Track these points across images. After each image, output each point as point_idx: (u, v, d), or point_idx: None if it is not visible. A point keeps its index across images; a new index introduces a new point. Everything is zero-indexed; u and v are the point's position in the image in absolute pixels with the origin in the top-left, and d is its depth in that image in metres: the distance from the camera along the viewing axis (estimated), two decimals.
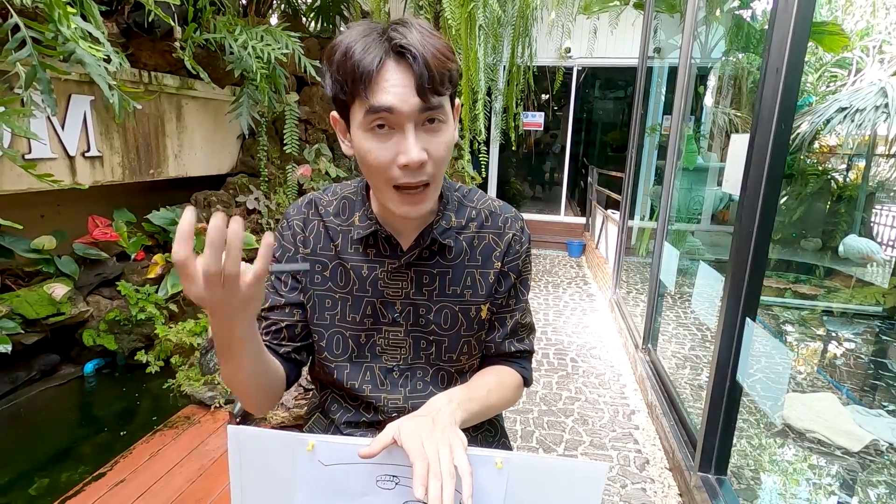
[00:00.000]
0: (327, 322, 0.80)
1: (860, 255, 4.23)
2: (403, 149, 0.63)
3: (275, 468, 0.66)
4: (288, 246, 0.81)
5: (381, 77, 0.61)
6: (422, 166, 0.65)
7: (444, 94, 0.65)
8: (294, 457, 0.65)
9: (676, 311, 3.93)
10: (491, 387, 0.80)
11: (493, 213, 0.82)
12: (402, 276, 0.77)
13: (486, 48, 3.83)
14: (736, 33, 4.92)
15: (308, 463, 0.65)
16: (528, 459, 0.66)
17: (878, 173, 5.99)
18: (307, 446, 0.64)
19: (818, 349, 3.67)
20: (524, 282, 0.85)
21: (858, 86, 5.74)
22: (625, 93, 7.56)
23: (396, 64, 0.62)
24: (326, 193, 0.84)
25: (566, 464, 0.66)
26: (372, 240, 0.78)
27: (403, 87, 0.61)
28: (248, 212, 3.56)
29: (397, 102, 0.61)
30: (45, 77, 1.82)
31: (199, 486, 1.85)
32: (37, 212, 2.82)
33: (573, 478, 0.65)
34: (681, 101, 2.78)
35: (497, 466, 0.64)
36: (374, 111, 0.62)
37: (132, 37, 2.66)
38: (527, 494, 0.65)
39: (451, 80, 0.65)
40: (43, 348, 2.64)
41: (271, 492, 0.67)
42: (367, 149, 0.65)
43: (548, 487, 0.65)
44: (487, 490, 0.65)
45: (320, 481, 0.66)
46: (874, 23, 6.81)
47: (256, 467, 0.67)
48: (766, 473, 2.19)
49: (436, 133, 0.66)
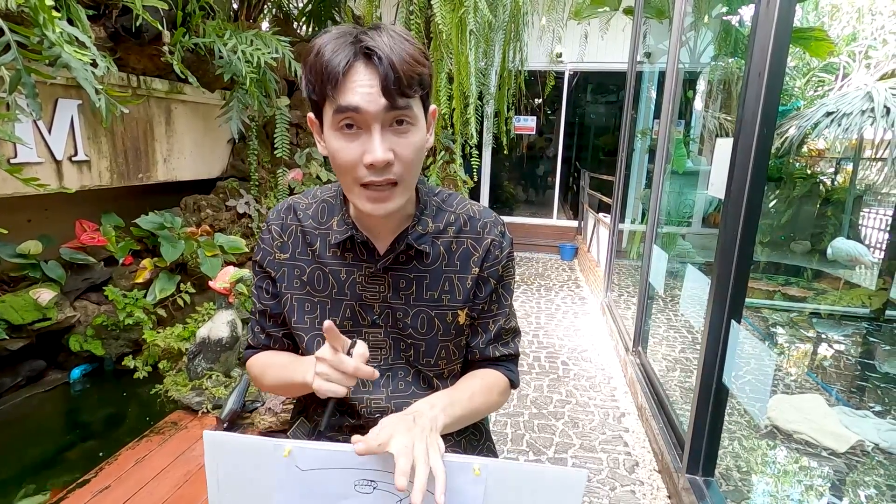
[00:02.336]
0: (307, 325, 0.81)
1: (848, 257, 4.28)
2: (369, 148, 0.65)
3: (252, 475, 0.66)
4: (268, 249, 0.83)
5: (348, 78, 0.63)
6: (388, 165, 0.66)
7: (412, 96, 0.65)
8: (271, 462, 0.65)
9: (667, 314, 3.95)
10: (475, 390, 0.80)
11: (471, 217, 0.82)
12: (380, 281, 0.78)
13: (477, 53, 3.84)
14: (724, 38, 4.97)
15: (285, 469, 0.65)
16: (506, 466, 0.65)
17: (866, 177, 6.07)
18: (283, 452, 0.64)
19: (807, 351, 3.70)
20: (506, 286, 0.85)
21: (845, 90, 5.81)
22: (616, 97, 7.61)
23: (364, 65, 0.63)
24: (306, 196, 0.85)
25: (545, 470, 0.65)
26: (349, 244, 0.78)
27: (370, 88, 0.63)
28: (239, 216, 3.55)
29: (363, 102, 0.63)
30: (30, 81, 1.81)
31: (186, 491, 1.83)
32: (23, 216, 2.80)
33: (552, 485, 0.64)
34: (669, 106, 2.81)
35: (475, 473, 0.64)
36: (342, 111, 0.63)
37: (120, 41, 2.64)
38: (505, 502, 0.65)
39: (420, 83, 0.66)
40: (29, 354, 2.61)
41: (248, 498, 0.67)
42: (336, 148, 0.67)
43: (527, 494, 0.65)
44: (465, 497, 0.64)
45: (297, 486, 0.66)
46: (860, 28, 6.91)
47: (233, 473, 0.67)
48: (753, 475, 2.20)
49: (404, 134, 0.67)
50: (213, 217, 3.44)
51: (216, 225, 3.42)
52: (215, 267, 2.92)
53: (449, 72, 3.98)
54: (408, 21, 4.05)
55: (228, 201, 3.53)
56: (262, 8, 3.95)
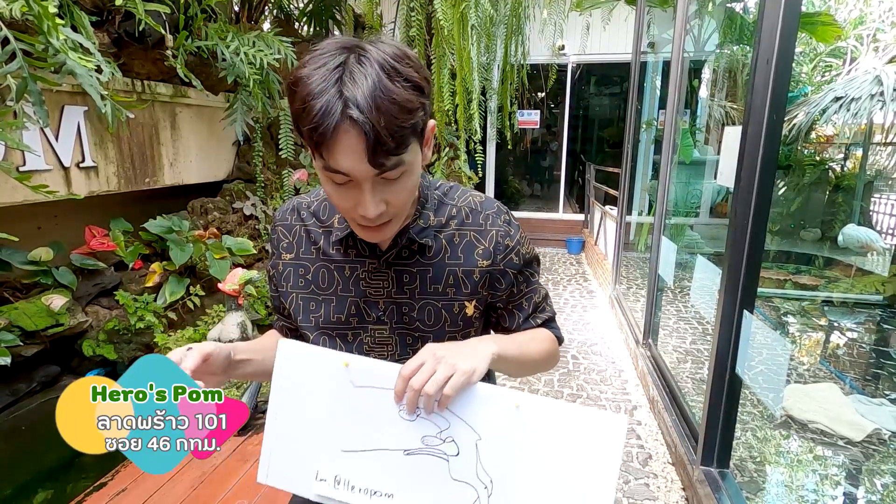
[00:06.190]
0: (312, 324, 0.81)
1: (859, 244, 4.23)
2: (361, 203, 0.64)
3: (311, 385, 0.69)
4: (274, 250, 0.85)
5: (334, 142, 0.59)
6: (378, 215, 0.65)
7: (403, 152, 0.62)
8: (330, 375, 0.68)
9: (676, 306, 3.92)
10: (523, 339, 0.81)
11: (473, 210, 0.81)
12: (384, 276, 0.78)
13: (479, 48, 3.82)
14: (729, 26, 4.91)
15: (340, 383, 0.68)
16: (546, 404, 0.65)
17: (876, 162, 5.98)
18: (342, 363, 0.67)
19: (820, 339, 3.66)
20: (529, 265, 0.85)
21: (853, 75, 5.73)
22: (620, 88, 7.57)
23: (350, 127, 0.58)
24: (310, 195, 0.86)
25: (585, 413, 0.65)
26: (351, 240, 0.79)
27: (356, 154, 0.59)
28: (245, 217, 3.56)
29: (351, 168, 0.60)
30: (37, 89, 1.82)
31: (201, 492, 1.85)
32: (33, 224, 2.82)
33: (592, 429, 0.63)
34: (675, 96, 2.78)
35: (514, 407, 0.65)
36: (332, 171, 0.61)
37: (123, 46, 2.65)
38: (542, 440, 0.64)
39: (412, 133, 0.62)
40: (43, 360, 2.63)
41: (305, 407, 0.70)
42: (328, 192, 0.66)
43: (565, 436, 0.64)
44: (502, 430, 0.65)
45: (348, 402, 0.68)
46: (867, 11, 6.81)
47: (296, 382, 0.70)
48: (768, 465, 2.19)
49: (396, 182, 0.64)
50: (221, 219, 3.45)
51: (223, 227, 3.44)
52: (224, 269, 2.94)
53: (451, 68, 3.96)
54: (408, 18, 4.04)
55: (235, 203, 3.54)
56: (263, 9, 3.95)
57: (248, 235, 3.49)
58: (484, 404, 0.66)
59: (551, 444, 0.64)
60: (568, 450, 0.63)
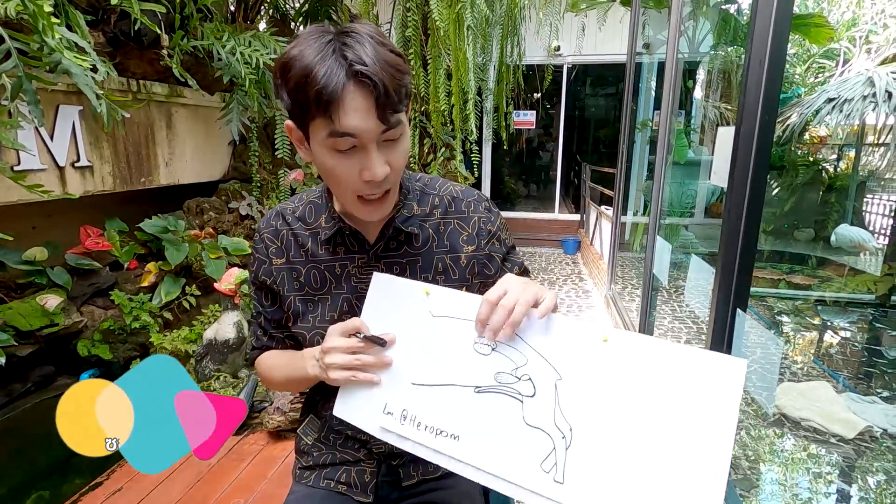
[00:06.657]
0: (309, 325, 0.82)
1: (852, 243, 4.27)
2: (367, 165, 0.66)
3: (397, 312, 0.71)
4: (262, 258, 0.84)
5: (343, 102, 0.61)
6: (384, 178, 0.68)
7: (403, 109, 0.66)
8: (413, 303, 0.70)
9: (671, 305, 3.95)
10: None
11: (455, 198, 0.83)
12: (374, 269, 0.79)
13: (474, 48, 3.83)
14: (723, 27, 4.94)
15: (420, 312, 0.69)
16: (642, 341, 0.56)
17: (868, 162, 6.03)
18: (423, 291, 0.69)
19: (813, 338, 3.69)
20: (511, 248, 0.88)
21: (846, 76, 5.78)
22: (616, 89, 7.59)
23: (356, 87, 0.61)
24: (293, 201, 0.87)
25: (692, 353, 0.55)
26: (339, 238, 0.80)
27: (366, 111, 0.62)
28: (241, 217, 3.56)
29: (359, 125, 0.62)
30: (31, 88, 1.81)
31: (197, 492, 1.84)
32: (28, 223, 2.81)
33: (703, 372, 0.54)
34: (669, 96, 2.80)
35: (602, 341, 0.58)
36: (339, 135, 0.63)
37: (119, 46, 2.65)
38: (636, 384, 0.55)
39: (406, 93, 0.66)
40: (38, 360, 2.62)
41: (391, 329, 0.72)
42: (331, 165, 0.67)
43: (666, 380, 0.54)
44: (586, 370, 0.58)
45: (426, 329, 0.69)
46: (860, 13, 6.86)
47: (385, 307, 0.73)
48: (762, 463, 2.20)
49: (395, 144, 0.68)
50: (216, 219, 3.45)
51: (219, 227, 3.43)
52: (220, 269, 2.93)
53: (447, 68, 3.97)
54: (405, 18, 4.05)
55: (231, 203, 3.54)
56: (259, 9, 3.94)
57: (244, 235, 3.48)
58: (566, 338, 0.59)
59: (647, 389, 0.54)
60: (669, 397, 0.53)
